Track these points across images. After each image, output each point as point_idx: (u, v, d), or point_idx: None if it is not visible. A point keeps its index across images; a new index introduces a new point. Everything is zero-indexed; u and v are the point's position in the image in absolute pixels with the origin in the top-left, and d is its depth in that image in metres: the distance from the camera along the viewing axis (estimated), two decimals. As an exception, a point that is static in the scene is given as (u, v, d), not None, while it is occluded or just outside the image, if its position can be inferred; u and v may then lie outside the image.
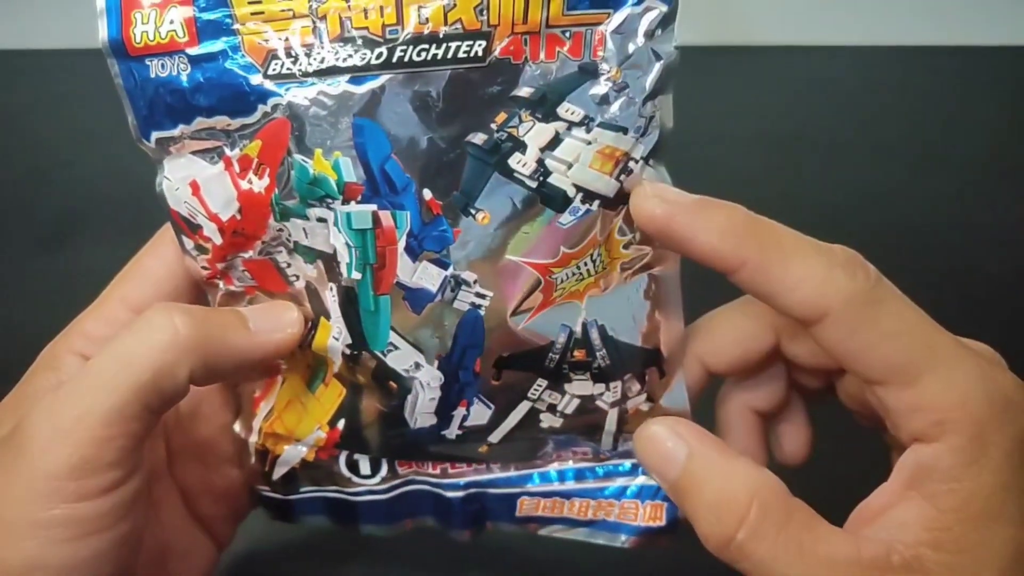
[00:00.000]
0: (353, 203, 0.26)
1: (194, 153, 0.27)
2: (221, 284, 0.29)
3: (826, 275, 0.24)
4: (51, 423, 0.23)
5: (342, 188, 0.25)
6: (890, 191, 0.46)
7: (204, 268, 0.28)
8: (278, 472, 0.31)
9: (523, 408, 0.29)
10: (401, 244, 0.26)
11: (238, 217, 0.27)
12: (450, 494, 0.31)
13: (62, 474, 0.23)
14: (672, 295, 0.28)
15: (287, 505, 0.32)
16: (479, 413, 0.28)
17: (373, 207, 0.26)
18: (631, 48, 0.25)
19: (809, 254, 0.24)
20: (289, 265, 0.28)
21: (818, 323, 0.24)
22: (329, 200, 0.26)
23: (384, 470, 0.31)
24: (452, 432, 0.29)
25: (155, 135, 0.26)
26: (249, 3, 0.25)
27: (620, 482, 0.30)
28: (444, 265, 0.26)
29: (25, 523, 0.23)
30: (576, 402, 0.29)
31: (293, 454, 0.31)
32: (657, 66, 0.25)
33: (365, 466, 0.31)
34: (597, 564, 0.31)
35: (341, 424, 0.29)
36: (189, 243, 0.28)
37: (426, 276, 0.26)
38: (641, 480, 0.30)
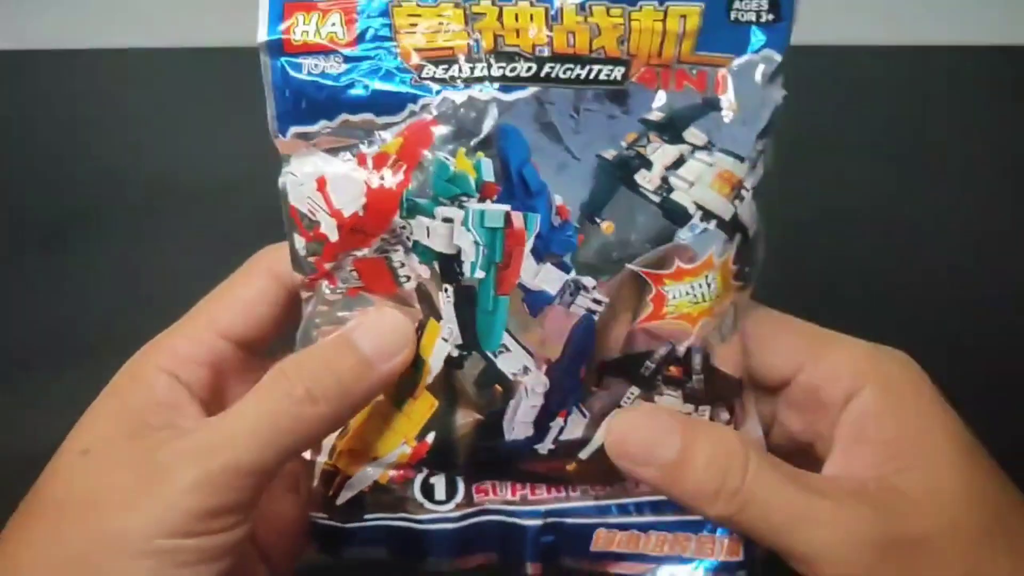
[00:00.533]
0: (488, 201, 0.27)
1: (326, 151, 0.28)
2: (324, 286, 0.29)
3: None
4: (197, 468, 0.25)
5: (480, 186, 0.27)
6: (890, 191, 0.47)
7: (311, 270, 0.29)
8: (344, 496, 0.30)
9: None
10: (528, 245, 0.27)
11: (360, 213, 0.28)
12: (527, 522, 0.30)
13: (199, 514, 0.25)
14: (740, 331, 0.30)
15: (343, 534, 0.31)
16: (575, 424, 0.29)
17: (507, 207, 0.27)
18: (749, 89, 0.28)
19: None
20: (403, 265, 0.28)
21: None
22: (464, 198, 0.27)
23: (460, 495, 0.30)
24: (545, 446, 0.29)
25: (293, 130, 0.27)
26: (409, 15, 0.27)
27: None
28: (566, 269, 0.27)
29: (148, 547, 0.24)
30: None
31: (365, 476, 0.30)
32: (769, 108, 0.28)
33: (440, 491, 0.30)
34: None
35: (430, 438, 0.29)
36: (300, 242, 0.29)
37: (548, 279, 0.27)
38: None
